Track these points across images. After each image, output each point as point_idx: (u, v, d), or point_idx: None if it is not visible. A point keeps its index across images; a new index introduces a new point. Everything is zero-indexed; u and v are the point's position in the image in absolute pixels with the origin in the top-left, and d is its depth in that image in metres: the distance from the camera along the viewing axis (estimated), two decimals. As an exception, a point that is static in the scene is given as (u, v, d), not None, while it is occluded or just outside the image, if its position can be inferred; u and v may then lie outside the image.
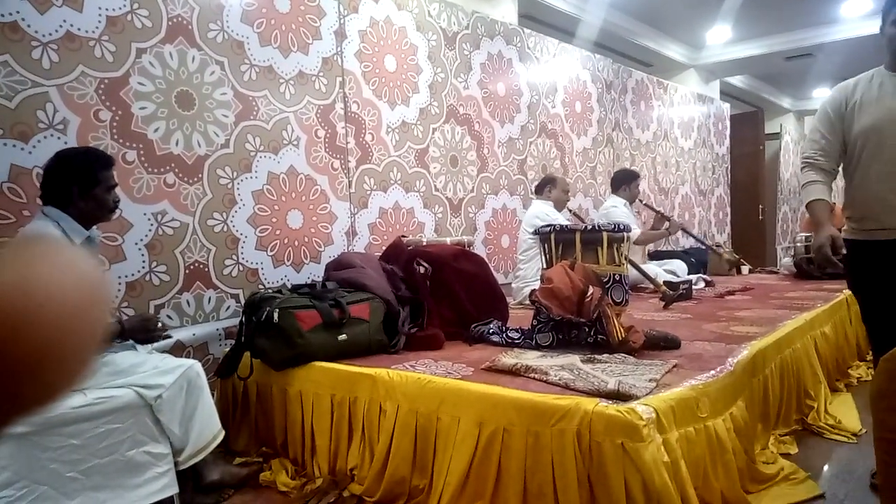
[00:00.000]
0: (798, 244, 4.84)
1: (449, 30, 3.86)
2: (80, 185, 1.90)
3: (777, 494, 1.96)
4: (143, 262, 2.46)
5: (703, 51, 7.78)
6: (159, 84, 2.50)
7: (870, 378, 3.07)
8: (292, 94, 2.97)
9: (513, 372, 1.94)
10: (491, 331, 2.53)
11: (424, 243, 3.17)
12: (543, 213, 3.73)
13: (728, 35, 7.18)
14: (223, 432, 2.09)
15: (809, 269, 4.66)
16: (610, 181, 4.79)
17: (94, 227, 2.02)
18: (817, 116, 2.22)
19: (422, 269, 2.75)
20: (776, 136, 8.73)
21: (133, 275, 2.43)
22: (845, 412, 2.76)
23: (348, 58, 3.24)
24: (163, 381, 1.92)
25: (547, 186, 3.96)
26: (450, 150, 3.85)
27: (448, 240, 3.51)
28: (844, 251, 2.09)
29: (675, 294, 3.55)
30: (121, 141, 2.40)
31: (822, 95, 11.21)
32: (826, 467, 2.28)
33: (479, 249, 4.01)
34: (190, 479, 2.04)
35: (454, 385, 1.88)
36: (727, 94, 9.04)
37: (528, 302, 3.30)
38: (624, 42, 6.76)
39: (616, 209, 4.43)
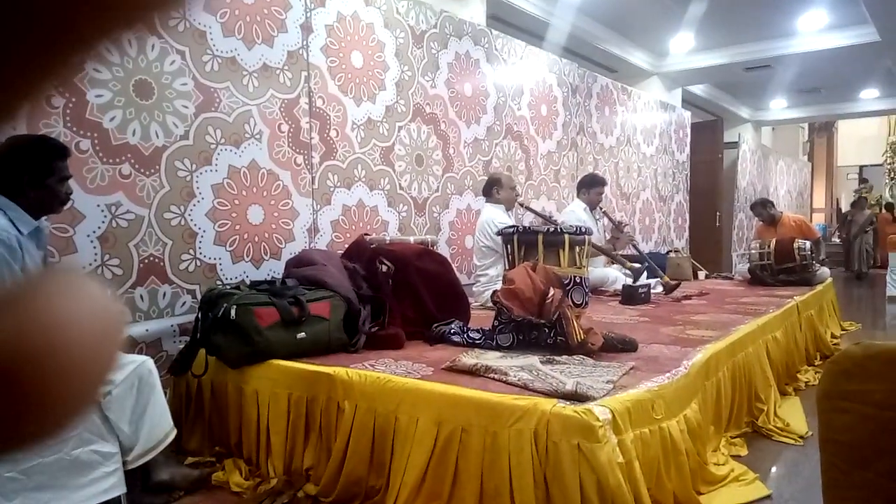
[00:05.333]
0: (752, 251, 4.97)
1: (417, 28, 3.84)
2: (32, 175, 1.83)
3: (727, 495, 2.01)
4: (96, 254, 2.38)
5: (667, 59, 7.94)
6: (116, 72, 2.43)
7: (817, 382, 3.17)
8: (256, 87, 2.92)
9: (472, 372, 1.94)
10: (452, 331, 2.53)
11: (388, 242, 3.15)
12: (493, 220, 3.65)
13: (691, 44, 7.36)
14: (175, 431, 2.05)
15: (763, 275, 4.79)
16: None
17: (44, 217, 1.95)
18: None
19: (384, 268, 2.73)
20: (734, 145, 8.96)
21: (84, 268, 2.35)
22: (793, 415, 2.85)
23: (314, 52, 3.20)
24: (112, 378, 1.86)
25: (494, 188, 3.85)
26: (415, 148, 3.83)
27: (412, 239, 3.49)
28: None
29: (641, 268, 3.62)
30: (74, 129, 2.31)
31: (779, 107, 11.57)
32: (774, 469, 2.35)
33: (443, 249, 4.00)
34: (139, 478, 1.99)
35: (413, 385, 1.87)
36: (689, 102, 9.24)
37: (490, 303, 3.31)
38: (590, 47, 6.85)
39: (572, 214, 4.45)
